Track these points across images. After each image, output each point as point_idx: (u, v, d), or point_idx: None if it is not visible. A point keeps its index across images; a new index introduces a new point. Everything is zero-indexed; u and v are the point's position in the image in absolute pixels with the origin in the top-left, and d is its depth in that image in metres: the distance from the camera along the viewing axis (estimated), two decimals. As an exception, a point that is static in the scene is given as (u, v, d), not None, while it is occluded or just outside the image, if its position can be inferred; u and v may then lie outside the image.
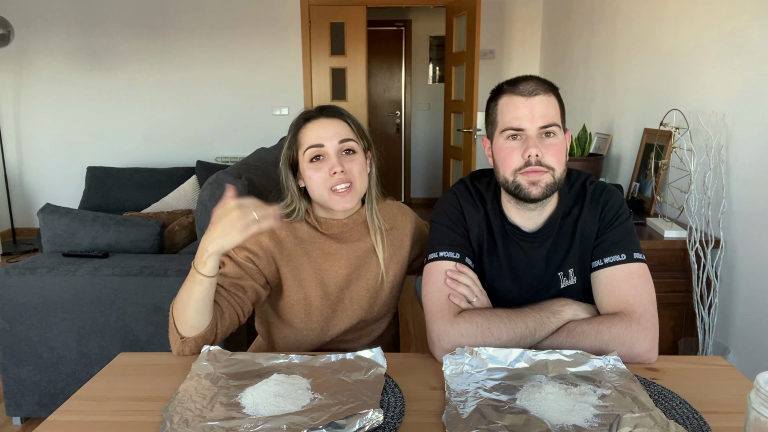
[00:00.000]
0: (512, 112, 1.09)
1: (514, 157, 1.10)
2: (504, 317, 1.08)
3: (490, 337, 1.06)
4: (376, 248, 1.29)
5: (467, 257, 1.17)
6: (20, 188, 4.99)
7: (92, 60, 4.81)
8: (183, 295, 1.06)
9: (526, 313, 1.09)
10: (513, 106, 1.10)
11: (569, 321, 1.09)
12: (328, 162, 1.20)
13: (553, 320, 1.08)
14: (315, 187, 1.22)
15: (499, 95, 1.14)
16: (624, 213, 1.18)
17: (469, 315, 1.09)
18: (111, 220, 2.17)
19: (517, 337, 1.06)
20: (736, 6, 2.08)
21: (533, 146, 1.07)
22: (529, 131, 1.08)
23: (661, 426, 0.80)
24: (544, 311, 1.09)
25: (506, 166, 1.11)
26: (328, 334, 1.30)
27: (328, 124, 1.22)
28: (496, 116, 1.13)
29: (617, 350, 1.04)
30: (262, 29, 4.80)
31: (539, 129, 1.08)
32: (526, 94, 1.09)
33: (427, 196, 6.77)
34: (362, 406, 0.87)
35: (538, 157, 1.07)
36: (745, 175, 2.01)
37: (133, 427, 0.87)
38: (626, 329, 1.05)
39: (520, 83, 1.11)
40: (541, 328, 1.07)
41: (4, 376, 2.04)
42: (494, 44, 4.91)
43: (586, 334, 1.06)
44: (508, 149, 1.10)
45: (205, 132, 4.97)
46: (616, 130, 3.19)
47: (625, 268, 1.12)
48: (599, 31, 3.43)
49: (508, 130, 1.10)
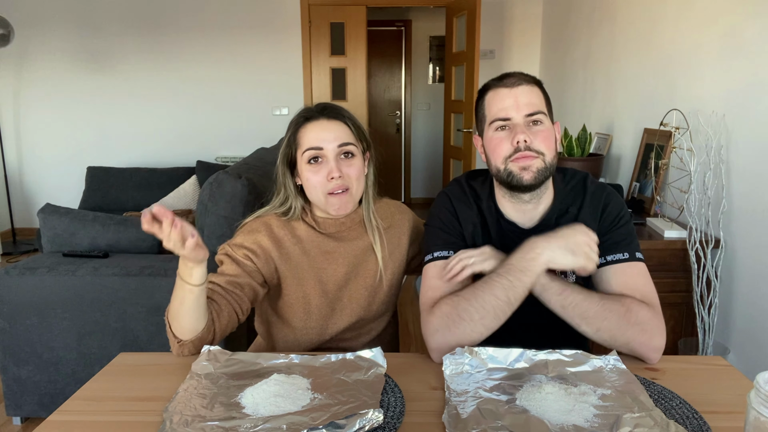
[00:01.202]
0: (498, 103, 1.13)
1: (503, 145, 1.12)
2: (471, 297, 1.05)
3: (461, 323, 1.04)
4: (374, 247, 1.30)
5: None
6: (20, 188, 4.99)
7: (92, 60, 4.81)
8: (175, 304, 1.06)
9: (494, 282, 1.05)
10: (498, 97, 1.13)
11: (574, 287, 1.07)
12: (326, 165, 1.20)
13: (524, 279, 1.04)
14: (312, 190, 1.22)
15: (485, 91, 1.17)
16: (626, 215, 1.18)
17: (437, 308, 1.08)
18: (111, 220, 2.17)
19: (491, 312, 1.04)
20: (736, 5, 2.08)
21: (521, 132, 1.10)
22: (515, 119, 1.11)
23: (661, 426, 0.80)
24: (512, 272, 1.05)
25: (497, 155, 1.13)
26: (327, 332, 1.30)
27: (329, 126, 1.21)
28: (484, 111, 1.17)
29: (637, 338, 1.03)
30: (262, 29, 4.80)
31: (525, 117, 1.11)
32: (509, 86, 1.12)
33: (427, 196, 6.77)
34: (362, 406, 0.87)
35: (527, 142, 1.10)
36: (745, 175, 2.01)
37: (133, 427, 0.87)
38: (651, 319, 1.05)
39: (503, 78, 1.15)
40: (514, 292, 1.04)
41: (4, 376, 2.04)
42: (494, 44, 4.91)
43: (615, 310, 1.04)
44: (497, 139, 1.13)
45: (205, 132, 4.97)
46: (616, 130, 3.19)
47: (632, 265, 1.12)
48: (599, 32, 3.43)
49: (496, 122, 1.13)
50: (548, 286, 1.06)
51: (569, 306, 1.05)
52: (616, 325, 1.03)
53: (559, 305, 1.06)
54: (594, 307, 1.04)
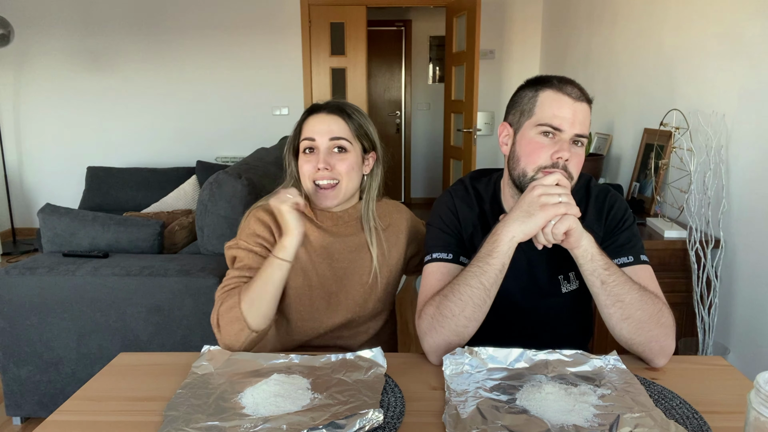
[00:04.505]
0: (556, 109, 1.06)
1: (542, 153, 1.07)
2: (449, 293, 1.04)
3: (444, 321, 1.03)
4: (369, 245, 1.31)
5: (461, 257, 1.17)
6: (20, 188, 4.99)
7: (92, 60, 4.81)
8: (259, 285, 1.12)
9: (466, 273, 1.04)
10: (558, 104, 1.06)
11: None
12: (317, 156, 1.24)
13: (492, 261, 1.02)
14: (303, 178, 1.26)
15: (541, 87, 1.09)
16: (630, 217, 1.18)
17: (424, 311, 1.08)
18: (111, 220, 2.17)
19: (468, 303, 1.02)
20: (736, 5, 2.08)
21: (566, 150, 1.05)
22: (565, 134, 1.06)
23: (661, 426, 0.80)
24: (480, 258, 1.03)
25: (531, 160, 1.08)
26: (323, 326, 1.31)
27: (326, 120, 1.25)
28: (534, 107, 1.09)
29: (661, 339, 1.01)
30: (262, 29, 4.80)
31: (575, 135, 1.07)
32: (574, 97, 1.07)
33: (427, 196, 6.77)
34: (362, 406, 0.87)
35: (567, 162, 1.06)
36: (745, 175, 2.01)
37: (133, 427, 0.87)
38: (673, 325, 1.04)
39: (565, 84, 1.08)
40: (486, 277, 1.02)
41: (4, 376, 2.04)
42: (494, 44, 4.91)
43: (650, 305, 1.01)
44: (537, 144, 1.07)
45: (205, 132, 4.97)
46: (616, 130, 3.19)
47: (638, 268, 1.11)
48: (599, 31, 3.43)
49: (544, 126, 1.07)
50: (596, 258, 1.01)
51: (611, 283, 1.00)
52: (647, 319, 1.01)
53: (600, 280, 1.01)
54: (633, 294, 1.01)
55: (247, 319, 1.11)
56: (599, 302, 1.03)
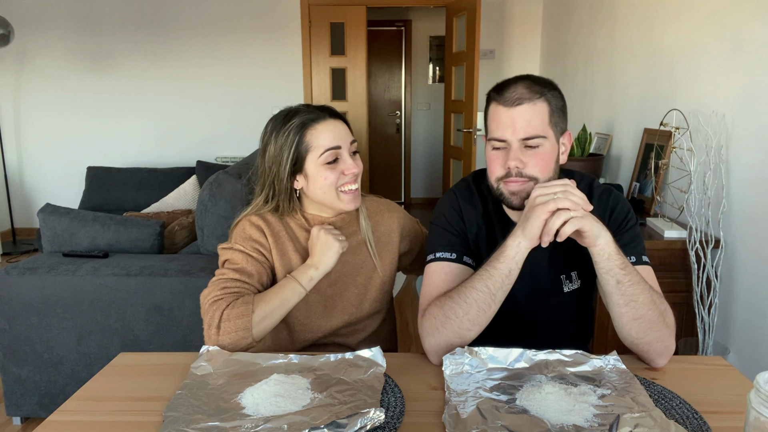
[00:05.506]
0: (495, 121, 1.11)
1: (497, 166, 1.11)
2: (455, 295, 1.05)
3: (448, 322, 1.04)
4: (367, 244, 1.32)
5: (465, 256, 1.17)
6: (20, 188, 4.99)
7: (92, 60, 4.81)
8: (275, 303, 1.16)
9: (473, 277, 1.05)
10: (496, 115, 1.10)
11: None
12: (343, 163, 1.23)
13: (499, 266, 1.02)
14: (326, 189, 1.23)
15: (489, 100, 1.14)
16: (632, 218, 1.18)
17: (428, 310, 1.08)
18: (111, 220, 2.17)
19: (473, 306, 1.03)
20: (736, 5, 2.08)
21: (513, 158, 1.08)
22: (511, 142, 1.09)
23: (661, 426, 0.80)
24: (489, 263, 1.04)
25: (490, 172, 1.14)
26: (321, 329, 1.31)
27: (339, 126, 1.24)
28: (486, 122, 1.15)
29: (665, 339, 1.02)
30: (262, 29, 4.80)
31: (521, 140, 1.08)
32: (508, 104, 1.08)
33: (427, 196, 6.77)
34: (362, 406, 0.87)
35: (518, 168, 1.08)
36: (745, 175, 2.01)
37: (133, 427, 0.87)
38: (672, 318, 1.04)
39: (506, 90, 1.10)
40: (492, 281, 1.02)
41: (4, 376, 2.04)
42: (494, 44, 4.91)
43: (659, 305, 1.02)
44: (492, 157, 1.13)
45: (205, 132, 4.97)
46: (616, 130, 3.19)
47: (641, 268, 1.11)
48: (599, 31, 3.43)
49: (492, 140, 1.12)
50: (614, 257, 1.00)
51: (626, 283, 1.00)
52: (656, 319, 1.01)
53: (616, 279, 1.00)
54: (646, 294, 1.01)
55: (253, 330, 1.12)
56: (611, 301, 1.02)
